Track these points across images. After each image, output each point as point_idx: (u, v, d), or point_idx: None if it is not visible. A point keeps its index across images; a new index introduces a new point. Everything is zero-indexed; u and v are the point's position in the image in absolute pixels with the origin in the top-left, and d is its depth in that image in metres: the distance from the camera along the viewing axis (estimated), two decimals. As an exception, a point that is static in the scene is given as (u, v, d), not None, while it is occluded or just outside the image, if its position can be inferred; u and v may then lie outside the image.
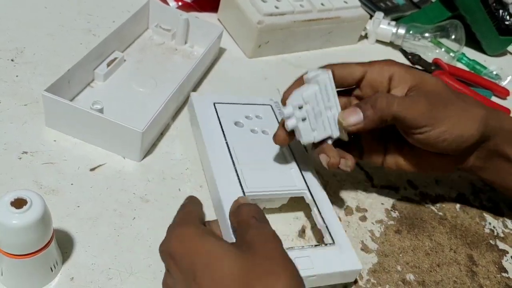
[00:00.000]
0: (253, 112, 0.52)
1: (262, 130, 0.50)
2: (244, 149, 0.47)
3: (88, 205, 0.43)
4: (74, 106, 0.45)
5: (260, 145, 0.48)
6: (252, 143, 0.48)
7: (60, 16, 0.64)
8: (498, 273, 0.48)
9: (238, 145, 0.47)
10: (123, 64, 0.59)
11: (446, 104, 0.42)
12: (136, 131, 0.45)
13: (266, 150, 0.47)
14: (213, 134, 0.48)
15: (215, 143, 0.47)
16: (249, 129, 0.50)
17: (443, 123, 0.41)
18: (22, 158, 0.45)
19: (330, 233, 0.42)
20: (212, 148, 0.46)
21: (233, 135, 0.48)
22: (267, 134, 0.50)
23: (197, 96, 0.52)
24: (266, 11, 0.64)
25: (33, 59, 0.56)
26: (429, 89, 0.42)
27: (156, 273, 0.40)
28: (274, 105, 0.54)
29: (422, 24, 0.78)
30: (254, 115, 0.51)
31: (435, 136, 0.41)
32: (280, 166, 0.47)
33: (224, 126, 0.49)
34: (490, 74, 0.79)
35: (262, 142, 0.48)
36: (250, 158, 0.46)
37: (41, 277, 0.37)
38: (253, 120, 0.51)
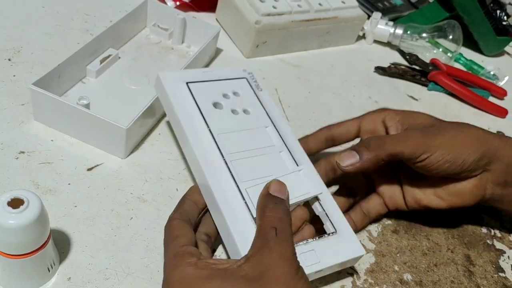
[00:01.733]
0: (229, 88, 0.48)
1: (243, 110, 0.46)
2: (229, 136, 0.43)
3: (85, 205, 0.43)
4: (60, 101, 0.46)
5: (244, 127, 0.45)
6: (235, 127, 0.45)
7: (58, 15, 0.64)
8: (495, 273, 0.49)
9: (223, 131, 0.43)
10: (117, 61, 0.59)
11: (439, 130, 0.44)
12: (121, 128, 0.45)
13: (251, 134, 0.44)
14: (194, 122, 0.44)
15: (198, 132, 0.43)
16: (230, 109, 0.46)
17: (440, 147, 0.42)
18: (19, 158, 0.45)
19: (330, 221, 0.41)
20: (196, 140, 0.42)
21: (215, 120, 0.44)
22: (249, 114, 0.46)
23: (166, 75, 0.46)
24: (263, 11, 0.64)
25: (30, 59, 0.56)
26: (421, 122, 0.45)
27: (153, 273, 0.40)
28: (248, 77, 0.50)
29: (419, 25, 0.78)
30: (231, 92, 0.47)
31: (436, 160, 0.42)
32: (269, 150, 0.44)
33: (203, 110, 0.44)
34: (487, 74, 0.79)
35: (246, 123, 0.45)
36: (238, 146, 0.43)
37: (38, 277, 0.36)
38: (232, 99, 0.47)
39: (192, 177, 0.48)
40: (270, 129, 0.46)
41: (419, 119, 0.46)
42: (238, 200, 0.39)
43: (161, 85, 0.46)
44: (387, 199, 0.47)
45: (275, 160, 0.44)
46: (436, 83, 0.73)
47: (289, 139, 0.46)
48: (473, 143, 0.43)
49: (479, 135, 0.44)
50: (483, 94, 0.74)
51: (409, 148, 0.42)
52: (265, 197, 0.37)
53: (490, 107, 0.72)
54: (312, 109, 0.62)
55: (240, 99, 0.47)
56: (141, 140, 0.50)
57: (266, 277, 0.32)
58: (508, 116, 0.72)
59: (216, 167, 0.41)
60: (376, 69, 0.73)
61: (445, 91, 0.73)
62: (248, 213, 0.38)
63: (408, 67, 0.75)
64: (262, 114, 0.47)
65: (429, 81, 0.73)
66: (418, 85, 0.73)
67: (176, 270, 0.33)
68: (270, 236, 0.34)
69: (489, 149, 0.44)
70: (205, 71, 0.49)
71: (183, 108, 0.44)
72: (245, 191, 0.39)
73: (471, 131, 0.44)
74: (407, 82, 0.73)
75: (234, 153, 0.42)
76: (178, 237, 0.36)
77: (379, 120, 0.47)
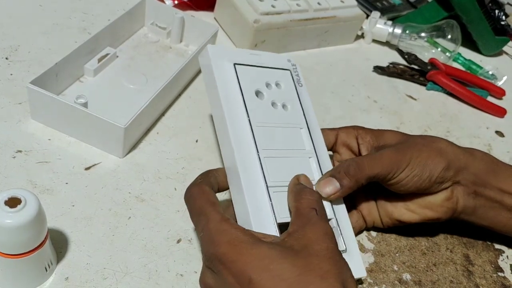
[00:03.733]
0: (273, 78, 0.46)
1: (282, 104, 0.45)
2: (266, 130, 0.43)
3: (83, 204, 0.43)
4: (58, 100, 0.45)
5: (281, 124, 0.44)
6: (273, 121, 0.44)
7: (55, 14, 0.64)
8: (494, 273, 0.48)
9: (261, 124, 0.43)
10: (115, 60, 0.58)
11: (408, 145, 0.45)
12: (119, 127, 0.45)
13: (286, 132, 0.44)
14: (235, 107, 0.42)
15: (237, 119, 0.42)
16: (270, 101, 0.45)
17: (409, 161, 0.43)
18: (16, 157, 0.45)
19: (343, 239, 0.41)
20: (234, 126, 0.41)
21: (255, 109, 0.43)
22: (287, 110, 0.46)
23: (215, 49, 0.45)
24: (262, 10, 0.64)
25: (27, 57, 0.56)
26: (390, 140, 0.46)
27: (151, 273, 0.39)
28: (292, 69, 0.49)
29: (418, 24, 0.78)
30: (274, 83, 0.46)
31: (405, 176, 0.43)
32: (300, 153, 0.44)
33: (245, 97, 0.43)
34: (486, 74, 0.79)
35: (282, 119, 0.45)
36: (272, 142, 0.42)
37: (35, 277, 0.36)
38: (273, 90, 0.46)
39: (190, 178, 0.48)
40: (304, 132, 0.45)
41: (388, 138, 0.46)
42: (265, 199, 0.39)
43: (207, 59, 0.44)
44: (365, 214, 0.47)
45: (303, 165, 0.43)
46: (434, 82, 0.73)
47: (319, 145, 0.46)
48: (438, 155, 0.44)
49: (445, 147, 0.45)
50: (481, 93, 0.74)
51: (384, 168, 0.43)
52: (296, 184, 0.40)
53: (488, 107, 0.72)
54: (310, 109, 0.62)
55: (281, 92, 0.47)
56: (139, 139, 0.50)
57: (312, 250, 0.33)
58: (507, 116, 0.72)
59: (249, 160, 0.41)
60: (375, 69, 0.73)
61: (444, 90, 0.73)
62: (272, 217, 0.38)
63: (406, 67, 0.74)
64: (299, 113, 0.46)
65: (428, 81, 0.73)
66: (417, 85, 0.73)
67: (225, 233, 0.34)
68: (312, 215, 0.36)
69: (455, 160, 0.45)
70: (252, 53, 0.47)
71: (227, 89, 0.43)
72: (273, 193, 0.39)
73: (438, 144, 0.45)
74: (405, 81, 0.73)
75: (267, 150, 0.42)
76: (216, 204, 0.37)
77: (353, 135, 0.48)
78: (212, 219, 0.36)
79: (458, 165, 0.45)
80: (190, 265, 0.41)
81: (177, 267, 0.41)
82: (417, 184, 0.43)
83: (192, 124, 0.54)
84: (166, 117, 0.54)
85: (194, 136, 0.53)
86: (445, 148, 0.45)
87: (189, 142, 0.52)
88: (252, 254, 0.33)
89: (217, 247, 0.34)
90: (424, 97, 0.71)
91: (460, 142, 0.64)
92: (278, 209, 0.39)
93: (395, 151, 0.44)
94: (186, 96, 0.58)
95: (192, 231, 0.44)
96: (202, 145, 0.52)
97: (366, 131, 0.48)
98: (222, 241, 0.34)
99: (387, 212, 0.47)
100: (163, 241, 0.42)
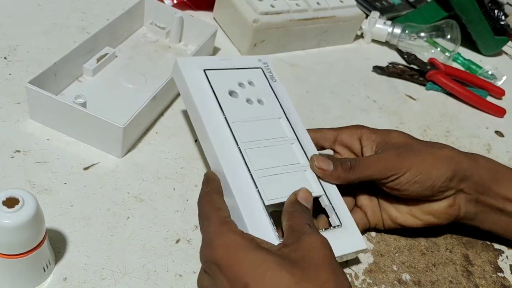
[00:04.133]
0: (245, 77, 0.48)
1: (257, 100, 0.47)
2: (244, 125, 0.44)
3: (81, 204, 0.43)
4: (56, 99, 0.45)
5: (258, 117, 0.45)
6: (250, 116, 0.45)
7: (54, 13, 0.63)
8: (493, 273, 0.48)
9: (238, 120, 0.44)
10: (114, 60, 0.58)
11: (412, 151, 0.44)
12: (118, 127, 0.44)
13: (265, 124, 0.45)
14: (210, 109, 0.44)
15: (214, 120, 0.43)
16: (245, 99, 0.46)
17: (411, 167, 0.43)
18: (15, 157, 0.45)
19: (336, 214, 0.42)
20: (212, 127, 0.43)
21: (230, 108, 0.45)
22: (263, 104, 0.47)
23: (184, 60, 0.47)
24: (261, 10, 0.64)
25: (26, 57, 0.56)
26: (395, 141, 0.46)
27: (150, 273, 0.39)
28: (264, 67, 0.50)
29: (417, 24, 0.78)
30: (246, 82, 0.48)
31: (405, 181, 0.43)
32: (281, 141, 0.45)
33: (219, 98, 0.45)
34: (485, 74, 0.79)
35: (260, 113, 0.46)
36: (252, 135, 0.44)
37: (34, 277, 0.36)
38: (247, 88, 0.47)
39: (189, 178, 0.48)
40: (283, 121, 0.46)
41: (394, 138, 0.46)
42: (251, 187, 0.40)
43: (179, 71, 0.46)
44: (369, 214, 0.47)
45: (287, 151, 0.44)
46: (434, 82, 0.73)
47: (300, 131, 0.47)
48: (443, 165, 0.44)
49: (450, 156, 0.45)
50: (481, 93, 0.74)
51: (378, 172, 0.43)
52: (293, 203, 0.39)
53: (488, 107, 0.72)
54: (310, 109, 0.62)
55: (255, 89, 0.48)
56: (138, 139, 0.50)
57: (309, 259, 0.33)
58: (506, 116, 0.72)
59: (231, 155, 0.42)
60: (374, 69, 0.73)
61: (443, 90, 0.73)
62: (260, 201, 0.39)
63: (406, 67, 0.74)
64: (276, 105, 0.47)
65: (427, 81, 0.73)
66: (416, 85, 0.73)
67: (223, 235, 0.34)
68: (306, 228, 0.36)
69: (459, 170, 0.44)
70: (221, 59, 0.49)
71: (200, 95, 0.45)
72: (258, 180, 0.41)
73: (443, 152, 0.45)
74: (405, 81, 0.73)
75: (248, 142, 0.43)
76: (221, 209, 0.38)
77: (355, 136, 0.47)
78: (213, 222, 0.36)
79: (462, 174, 0.44)
80: (189, 265, 0.41)
81: (176, 267, 0.40)
82: (418, 190, 0.44)
83: (191, 124, 0.54)
84: (165, 117, 0.54)
85: (193, 136, 0.53)
86: (450, 157, 0.44)
87: (188, 142, 0.52)
88: (249, 259, 0.32)
89: (214, 250, 0.34)
90: (424, 97, 0.71)
91: (459, 142, 0.64)
92: (265, 192, 0.40)
93: (396, 155, 0.44)
94: (185, 96, 0.58)
95: (191, 231, 0.43)
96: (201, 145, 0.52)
97: (372, 131, 0.47)
98: (219, 244, 0.34)
99: (390, 216, 0.47)
100: (162, 241, 0.42)
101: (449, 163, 0.44)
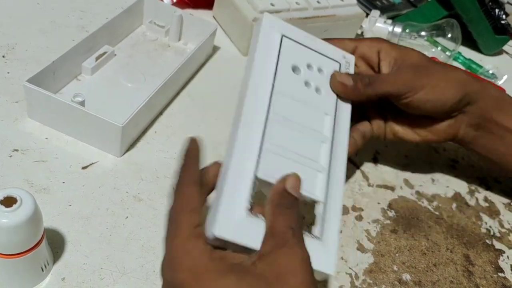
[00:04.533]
0: (318, 62, 0.45)
1: (316, 87, 0.43)
2: (287, 100, 0.40)
3: (79, 204, 0.42)
4: (55, 98, 0.45)
5: (306, 101, 0.42)
6: (298, 96, 0.41)
7: (53, 12, 0.63)
8: (494, 273, 0.48)
9: (284, 93, 0.40)
10: (113, 58, 0.58)
11: (427, 72, 0.46)
12: (116, 126, 0.44)
13: (308, 111, 0.41)
14: (264, 72, 0.41)
15: (262, 82, 0.40)
16: (304, 80, 0.43)
17: (424, 88, 0.45)
18: (13, 156, 0.44)
19: (321, 227, 0.37)
20: (254, 88, 0.39)
21: (284, 80, 0.41)
22: (320, 94, 0.43)
23: (269, 19, 0.44)
24: (261, 9, 0.64)
25: (24, 56, 0.55)
26: (412, 61, 0.47)
27: (149, 273, 0.39)
28: (343, 63, 0.47)
29: (418, 23, 0.78)
30: (316, 67, 0.44)
31: (418, 100, 0.46)
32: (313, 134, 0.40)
33: (280, 66, 0.42)
34: (486, 73, 0.79)
35: (310, 99, 0.42)
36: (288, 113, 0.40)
37: (32, 277, 0.36)
38: (313, 72, 0.44)
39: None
40: (328, 119, 0.43)
41: (412, 57, 0.47)
42: (253, 154, 0.36)
43: (259, 25, 0.43)
44: (374, 126, 0.50)
45: (313, 145, 0.40)
46: (434, 81, 0.72)
47: (340, 137, 0.43)
48: (455, 87, 0.46)
49: (462, 79, 0.47)
50: (481, 93, 0.73)
51: (396, 88, 0.45)
52: (280, 194, 0.34)
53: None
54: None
55: (321, 77, 0.44)
56: (136, 138, 0.50)
57: (285, 281, 0.29)
58: (507, 115, 0.72)
59: (255, 118, 0.38)
60: (375, 68, 0.73)
61: (444, 90, 0.73)
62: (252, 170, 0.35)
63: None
64: (332, 101, 0.44)
65: (428, 80, 0.73)
66: (417, 84, 0.73)
67: (189, 255, 0.30)
68: (288, 236, 0.31)
69: (469, 93, 0.47)
70: (307, 36, 0.46)
71: (263, 55, 0.41)
72: (264, 152, 0.36)
73: (456, 75, 0.47)
74: (405, 80, 0.73)
75: (279, 116, 0.39)
76: (194, 212, 0.31)
77: (375, 49, 0.48)
78: (180, 232, 0.31)
79: (470, 97, 0.47)
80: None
81: (175, 267, 0.40)
82: (428, 108, 0.47)
83: (191, 123, 0.54)
84: (164, 116, 0.54)
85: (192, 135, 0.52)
86: (463, 80, 0.47)
87: (187, 141, 0.51)
88: (217, 286, 0.28)
89: (177, 273, 0.29)
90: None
91: (460, 142, 0.64)
92: (264, 165, 0.36)
93: (413, 74, 0.46)
94: (185, 94, 0.57)
95: (190, 231, 0.43)
96: (201, 144, 0.52)
97: (391, 46, 0.48)
98: (184, 267, 0.29)
99: (392, 130, 0.50)
100: (160, 241, 0.42)
101: (460, 86, 0.47)
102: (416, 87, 0.45)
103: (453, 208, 0.54)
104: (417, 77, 0.46)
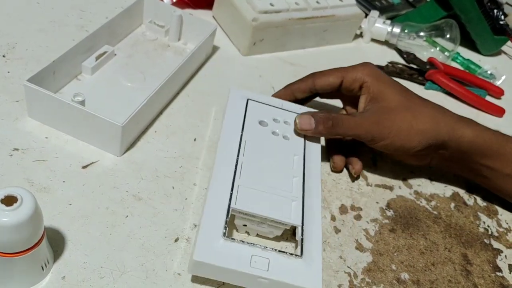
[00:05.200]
0: (282, 116, 0.50)
1: (283, 135, 0.48)
2: (256, 146, 0.46)
3: (80, 203, 0.43)
4: (55, 97, 0.45)
5: (274, 146, 0.47)
6: (266, 143, 0.47)
7: (53, 11, 0.63)
8: (492, 272, 0.48)
9: (252, 141, 0.46)
10: (113, 58, 0.58)
11: (394, 120, 0.48)
12: (116, 125, 0.44)
13: (277, 153, 0.46)
14: (233, 127, 0.47)
15: (231, 135, 0.46)
16: (272, 130, 0.48)
17: (387, 137, 0.48)
18: (13, 155, 0.45)
19: (302, 247, 0.40)
20: (225, 140, 0.46)
21: (252, 132, 0.47)
22: (287, 139, 0.48)
23: (235, 90, 0.52)
24: (261, 9, 0.64)
25: (25, 55, 0.55)
26: (384, 104, 0.49)
27: (148, 272, 0.39)
28: None
29: (417, 23, 0.78)
30: (282, 120, 0.50)
31: (381, 147, 0.49)
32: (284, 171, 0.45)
33: (247, 121, 0.48)
34: (484, 73, 0.79)
35: (278, 145, 0.47)
36: (257, 155, 0.45)
37: (32, 276, 0.36)
38: (280, 124, 0.49)
39: (188, 177, 0.48)
40: (297, 158, 0.47)
41: (387, 98, 0.49)
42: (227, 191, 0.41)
43: (228, 97, 0.51)
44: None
45: (284, 180, 0.44)
46: (433, 82, 0.73)
47: (312, 170, 0.47)
48: (415, 139, 0.48)
49: (427, 130, 0.48)
50: (480, 93, 0.74)
51: (358, 135, 0.48)
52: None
53: (487, 106, 0.72)
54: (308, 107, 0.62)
55: (288, 127, 0.49)
56: (136, 138, 0.50)
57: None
58: (505, 116, 0.72)
59: (228, 160, 0.44)
60: (374, 68, 0.73)
61: (443, 90, 0.73)
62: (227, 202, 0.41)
63: (405, 66, 0.74)
64: (300, 143, 0.48)
65: (427, 80, 0.73)
66: (416, 84, 0.73)
67: None
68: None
69: (434, 143, 0.49)
70: (274, 99, 0.52)
71: (232, 116, 0.48)
72: (237, 188, 0.42)
73: (421, 125, 0.48)
74: (404, 81, 0.73)
75: (250, 158, 0.45)
76: None
77: (358, 84, 0.51)
78: None
79: (439, 144, 0.49)
80: (188, 264, 0.41)
81: (174, 266, 0.40)
82: (393, 152, 0.50)
83: (190, 123, 0.54)
84: (164, 115, 0.54)
85: (192, 134, 0.53)
86: (426, 131, 0.48)
87: (187, 141, 0.52)
88: None
89: None
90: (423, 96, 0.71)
91: (458, 142, 0.64)
92: (236, 199, 0.41)
93: (375, 123, 0.48)
94: (184, 94, 0.57)
95: (190, 230, 0.43)
96: (200, 144, 0.52)
97: (375, 80, 0.50)
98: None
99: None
100: (160, 240, 0.42)
101: (423, 137, 0.48)
102: (378, 136, 0.48)
103: (451, 207, 0.54)
104: (379, 127, 0.48)
